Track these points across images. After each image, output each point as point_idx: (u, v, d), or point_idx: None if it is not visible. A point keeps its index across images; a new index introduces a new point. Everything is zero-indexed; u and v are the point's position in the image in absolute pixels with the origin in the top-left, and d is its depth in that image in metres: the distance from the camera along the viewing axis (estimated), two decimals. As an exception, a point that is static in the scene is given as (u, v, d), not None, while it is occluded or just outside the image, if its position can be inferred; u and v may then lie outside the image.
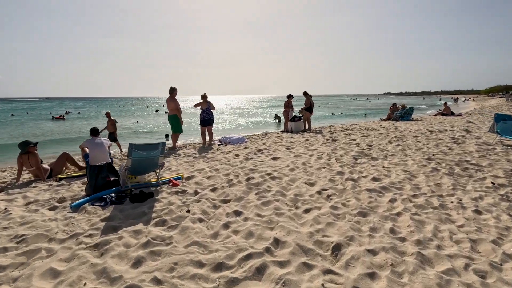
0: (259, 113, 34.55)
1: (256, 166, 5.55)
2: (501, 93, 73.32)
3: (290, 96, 11.90)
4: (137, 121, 25.72)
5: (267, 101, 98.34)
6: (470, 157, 5.93)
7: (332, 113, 32.01)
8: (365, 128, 11.45)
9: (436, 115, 19.43)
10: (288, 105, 11.82)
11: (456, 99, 67.24)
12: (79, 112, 42.65)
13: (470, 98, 76.21)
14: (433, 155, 6.19)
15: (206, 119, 8.95)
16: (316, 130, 11.88)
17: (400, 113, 15.45)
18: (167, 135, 15.34)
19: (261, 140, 9.50)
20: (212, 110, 9.06)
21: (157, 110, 44.52)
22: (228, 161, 6.18)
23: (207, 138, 9.10)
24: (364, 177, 4.72)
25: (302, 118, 11.75)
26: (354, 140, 8.37)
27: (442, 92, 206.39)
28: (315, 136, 9.53)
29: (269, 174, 4.94)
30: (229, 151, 7.34)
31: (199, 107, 8.84)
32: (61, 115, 30.84)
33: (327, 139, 8.56)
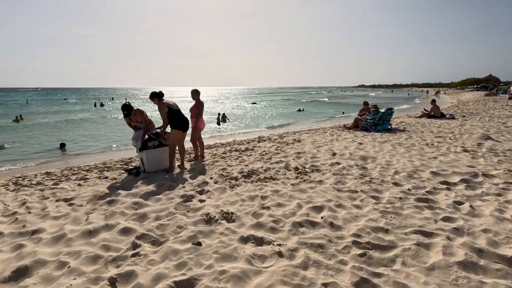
0: (209, 110, 27.14)
1: None
2: (472, 86, 71.23)
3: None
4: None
5: (241, 94, 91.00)
6: None
7: (299, 110, 27.30)
8: (296, 168, 5.05)
9: (420, 116, 14.04)
10: (139, 119, 5.33)
11: (438, 92, 64.05)
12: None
13: (441, 91, 73.86)
14: None
15: None
16: (203, 164, 5.62)
17: (373, 119, 9.65)
18: (63, 144, 10.48)
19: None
20: None
21: (101, 105, 35.84)
22: None
23: None
24: None
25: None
26: None
27: (412, 85, 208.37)
28: (158, 204, 3.29)
29: None
30: None
31: None
32: None
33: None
